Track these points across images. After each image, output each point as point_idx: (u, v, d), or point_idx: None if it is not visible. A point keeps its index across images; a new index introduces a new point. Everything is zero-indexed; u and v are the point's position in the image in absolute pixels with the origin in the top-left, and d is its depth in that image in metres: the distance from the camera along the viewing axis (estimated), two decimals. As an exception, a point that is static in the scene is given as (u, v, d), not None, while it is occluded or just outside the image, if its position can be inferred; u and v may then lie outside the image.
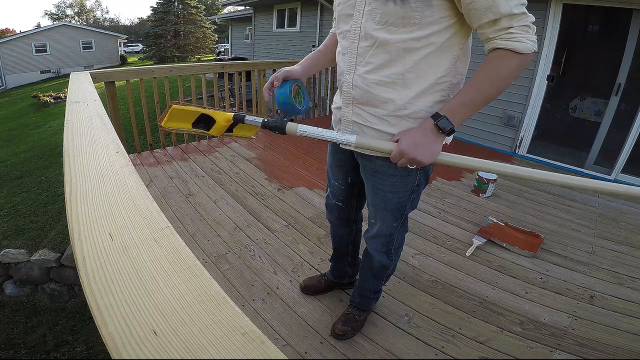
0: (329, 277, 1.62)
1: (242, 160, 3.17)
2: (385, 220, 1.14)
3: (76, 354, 3.23)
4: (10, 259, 3.89)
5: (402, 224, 1.18)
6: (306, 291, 1.62)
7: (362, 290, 1.41)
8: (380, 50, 0.86)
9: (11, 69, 19.77)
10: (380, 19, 0.82)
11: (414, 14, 0.78)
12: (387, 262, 1.26)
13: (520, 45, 0.75)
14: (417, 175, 1.04)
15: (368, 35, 0.86)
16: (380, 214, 1.14)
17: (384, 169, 1.02)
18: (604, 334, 1.48)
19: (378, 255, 1.25)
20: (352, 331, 1.40)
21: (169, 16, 24.48)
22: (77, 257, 0.48)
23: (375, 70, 0.89)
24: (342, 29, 0.94)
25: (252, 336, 0.37)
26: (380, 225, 1.17)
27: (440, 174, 3.07)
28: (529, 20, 0.76)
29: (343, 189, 1.28)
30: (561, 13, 3.30)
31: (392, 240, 1.21)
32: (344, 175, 1.24)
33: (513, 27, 0.75)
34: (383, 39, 0.84)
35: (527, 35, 0.75)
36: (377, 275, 1.33)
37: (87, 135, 0.96)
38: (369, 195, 1.14)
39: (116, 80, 2.86)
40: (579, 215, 2.52)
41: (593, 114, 3.46)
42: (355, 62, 0.92)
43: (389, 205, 1.09)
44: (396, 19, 0.80)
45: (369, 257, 1.29)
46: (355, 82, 0.93)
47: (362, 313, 1.44)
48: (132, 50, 37.70)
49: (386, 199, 1.08)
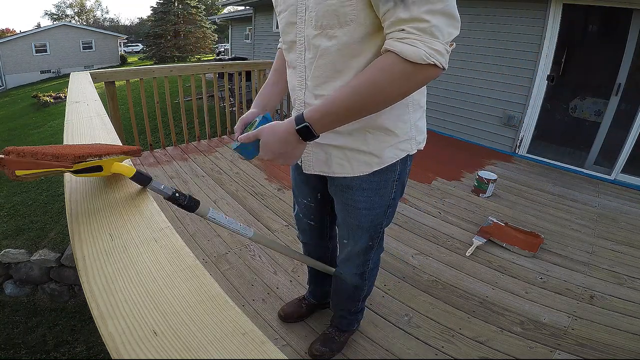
0: (310, 300, 1.49)
1: (242, 160, 3.17)
2: (359, 240, 1.03)
3: (76, 354, 3.23)
4: (10, 259, 3.89)
5: (378, 243, 1.07)
6: (288, 319, 1.46)
7: (339, 312, 1.32)
8: (324, 61, 0.75)
9: (11, 69, 19.77)
10: (316, 22, 0.72)
11: (347, 9, 0.67)
12: (360, 283, 1.16)
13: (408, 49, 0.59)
14: (394, 187, 0.93)
15: (310, 44, 0.76)
16: (353, 233, 1.03)
17: (356, 182, 0.90)
18: (604, 334, 1.48)
19: (350, 277, 1.14)
20: (330, 352, 1.30)
21: (169, 16, 24.47)
22: (77, 257, 0.48)
23: (324, 84, 0.78)
24: (286, 40, 0.84)
25: (252, 336, 0.37)
26: (353, 246, 1.06)
27: (440, 174, 3.07)
28: (441, 26, 0.59)
29: (314, 207, 1.15)
30: (561, 13, 3.30)
31: (366, 262, 1.10)
32: (312, 192, 1.11)
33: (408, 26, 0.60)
34: (324, 47, 0.73)
35: (427, 41, 0.59)
36: (351, 297, 1.23)
37: (87, 135, 0.96)
38: (340, 214, 1.02)
39: (116, 80, 2.86)
40: (579, 215, 2.52)
41: (593, 113, 3.46)
42: (304, 76, 0.82)
43: (363, 223, 0.98)
44: (331, 19, 0.69)
45: (339, 280, 1.19)
46: (307, 99, 0.83)
47: (342, 334, 1.34)
48: (132, 50, 37.71)
49: (360, 216, 0.96)
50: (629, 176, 3.18)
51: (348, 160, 0.87)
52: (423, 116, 0.90)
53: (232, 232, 0.83)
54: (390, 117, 0.81)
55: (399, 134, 0.84)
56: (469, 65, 4.00)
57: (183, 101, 3.50)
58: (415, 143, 0.88)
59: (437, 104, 4.24)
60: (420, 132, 0.89)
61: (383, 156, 0.85)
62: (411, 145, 0.88)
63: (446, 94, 4.20)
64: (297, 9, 0.76)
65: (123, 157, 0.68)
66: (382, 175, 0.89)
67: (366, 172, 0.88)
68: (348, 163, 0.87)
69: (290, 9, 0.78)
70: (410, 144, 0.87)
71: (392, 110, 0.80)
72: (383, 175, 0.89)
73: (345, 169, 0.89)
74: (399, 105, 0.76)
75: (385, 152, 0.85)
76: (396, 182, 0.92)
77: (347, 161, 0.87)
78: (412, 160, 0.94)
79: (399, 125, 0.83)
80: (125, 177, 0.65)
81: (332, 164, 0.89)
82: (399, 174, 0.91)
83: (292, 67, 0.86)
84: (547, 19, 3.35)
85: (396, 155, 0.87)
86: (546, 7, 3.34)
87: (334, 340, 1.33)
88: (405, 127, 0.84)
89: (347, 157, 0.87)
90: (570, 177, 3.29)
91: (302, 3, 0.74)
